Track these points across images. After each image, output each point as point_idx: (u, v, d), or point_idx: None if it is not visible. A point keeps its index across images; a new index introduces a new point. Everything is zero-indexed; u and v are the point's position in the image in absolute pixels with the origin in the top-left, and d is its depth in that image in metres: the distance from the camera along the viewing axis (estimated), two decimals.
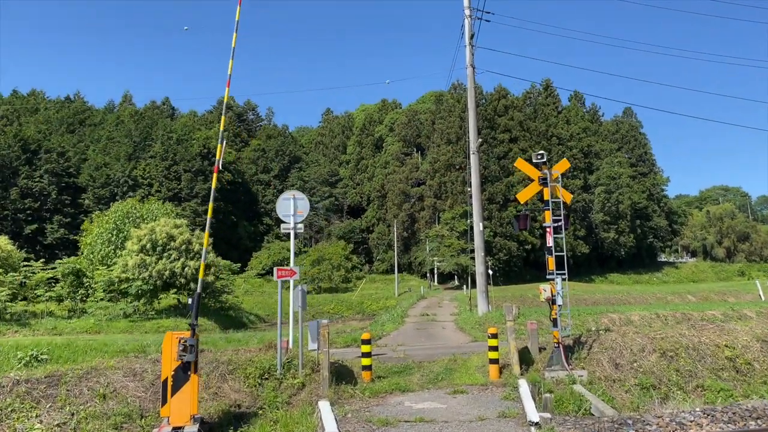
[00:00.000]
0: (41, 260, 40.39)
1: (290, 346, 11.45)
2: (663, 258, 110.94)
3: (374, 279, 79.56)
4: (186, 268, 36.40)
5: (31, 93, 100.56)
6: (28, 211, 71.03)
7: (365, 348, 10.54)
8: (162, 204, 50.19)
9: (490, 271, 23.65)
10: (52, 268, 40.24)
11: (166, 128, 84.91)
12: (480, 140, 21.80)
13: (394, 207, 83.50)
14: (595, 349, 11.68)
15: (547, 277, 11.21)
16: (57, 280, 40.35)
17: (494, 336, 10.92)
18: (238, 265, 49.04)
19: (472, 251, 55.09)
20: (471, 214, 23.79)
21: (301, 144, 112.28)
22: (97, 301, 38.44)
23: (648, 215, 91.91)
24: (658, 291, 59.09)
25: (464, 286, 57.27)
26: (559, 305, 11.07)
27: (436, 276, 74.93)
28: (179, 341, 8.17)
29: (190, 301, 8.32)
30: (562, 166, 11.69)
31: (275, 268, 10.39)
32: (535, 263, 75.36)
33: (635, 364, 11.29)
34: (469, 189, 24.29)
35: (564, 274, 11.15)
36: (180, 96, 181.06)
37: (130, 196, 62.51)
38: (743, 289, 60.41)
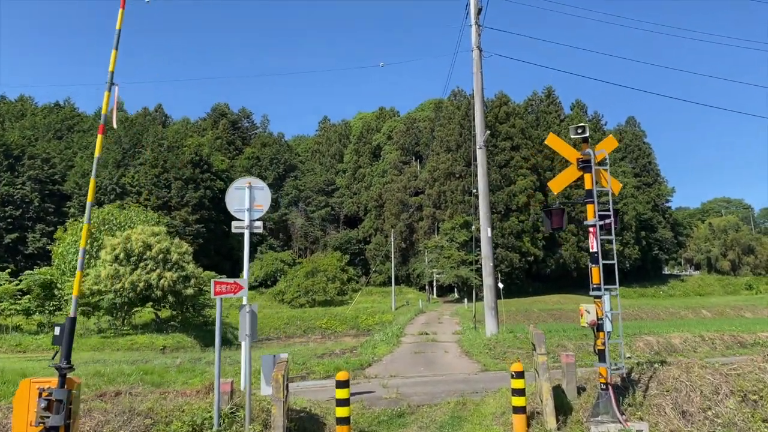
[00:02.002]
0: (7, 270, 37.46)
1: (242, 388, 8.44)
2: (667, 271, 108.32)
3: (371, 291, 76.37)
4: (162, 280, 33.45)
5: (19, 99, 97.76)
6: (9, 220, 67.82)
7: (341, 393, 7.42)
8: (143, 210, 47.21)
9: (501, 284, 20.57)
10: (20, 280, 37.39)
11: (157, 135, 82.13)
12: (488, 132, 18.96)
13: (392, 217, 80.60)
14: (653, 391, 8.68)
15: (591, 293, 8.22)
16: (25, 293, 37.49)
17: (520, 375, 7.94)
18: (224, 277, 46.09)
19: (472, 263, 52.30)
20: (472, 224, 20.98)
21: (297, 152, 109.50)
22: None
23: (653, 227, 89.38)
24: (669, 305, 56.32)
25: (465, 300, 54.36)
26: (607, 332, 8.10)
27: (435, 288, 72.08)
28: (40, 393, 5.23)
29: (57, 331, 5.35)
30: (609, 144, 8.78)
31: (212, 281, 7.43)
32: (537, 275, 72.47)
33: (709, 413, 8.28)
34: (475, 191, 21.41)
35: (615, 288, 8.20)
36: (172, 103, 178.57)
37: (117, 205, 59.57)
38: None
